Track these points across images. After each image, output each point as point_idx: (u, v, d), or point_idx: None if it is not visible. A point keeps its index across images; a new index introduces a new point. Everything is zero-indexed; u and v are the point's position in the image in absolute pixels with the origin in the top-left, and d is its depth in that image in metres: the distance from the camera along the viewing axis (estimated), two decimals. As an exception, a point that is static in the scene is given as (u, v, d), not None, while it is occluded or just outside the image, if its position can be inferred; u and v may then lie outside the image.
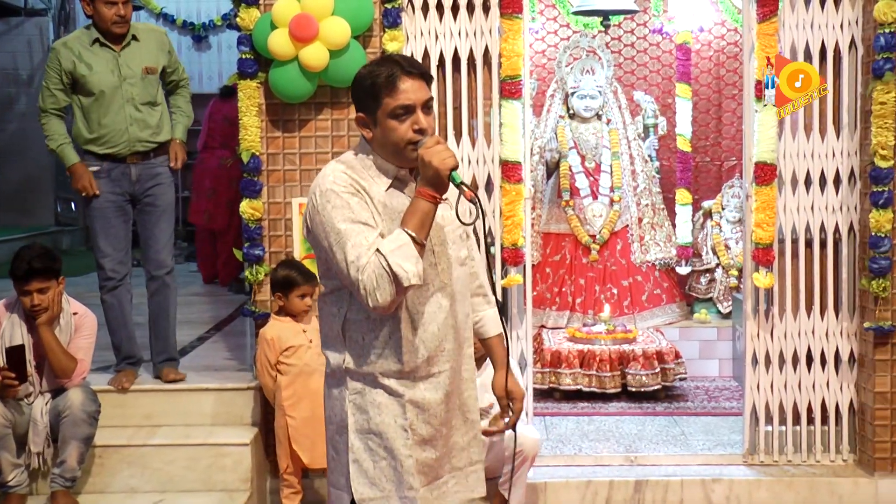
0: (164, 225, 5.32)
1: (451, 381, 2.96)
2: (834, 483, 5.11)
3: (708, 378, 7.19)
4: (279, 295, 4.89)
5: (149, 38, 5.26)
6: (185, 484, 4.94)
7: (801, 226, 5.20)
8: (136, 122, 5.16)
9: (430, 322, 2.89)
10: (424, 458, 2.93)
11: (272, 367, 4.86)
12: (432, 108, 2.87)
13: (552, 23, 8.05)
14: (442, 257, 2.91)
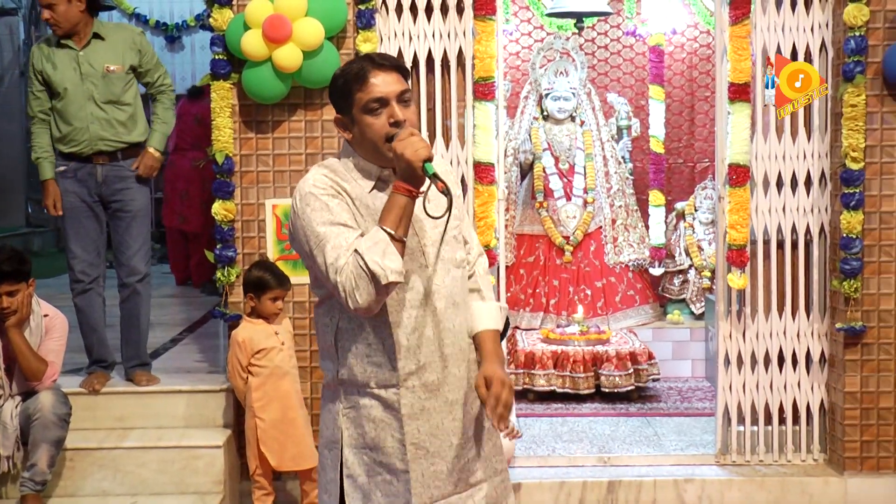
0: (135, 231, 5.27)
1: (455, 387, 2.85)
2: (805, 482, 5.14)
3: (681, 379, 7.22)
4: (251, 296, 4.87)
5: (115, 38, 5.23)
6: (158, 487, 4.92)
7: (774, 227, 5.23)
8: (98, 120, 5.14)
9: (425, 326, 2.79)
10: (433, 471, 2.82)
11: (243, 369, 4.85)
12: (410, 100, 2.77)
13: (526, 24, 8.06)
14: (431, 258, 2.80)
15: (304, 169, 5.09)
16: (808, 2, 5.13)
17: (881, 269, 5.08)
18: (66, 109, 5.14)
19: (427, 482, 2.82)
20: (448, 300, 2.81)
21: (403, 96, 2.75)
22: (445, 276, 2.82)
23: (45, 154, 5.21)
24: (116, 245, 5.31)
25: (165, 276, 9.64)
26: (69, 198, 5.21)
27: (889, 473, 5.14)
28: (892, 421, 5.13)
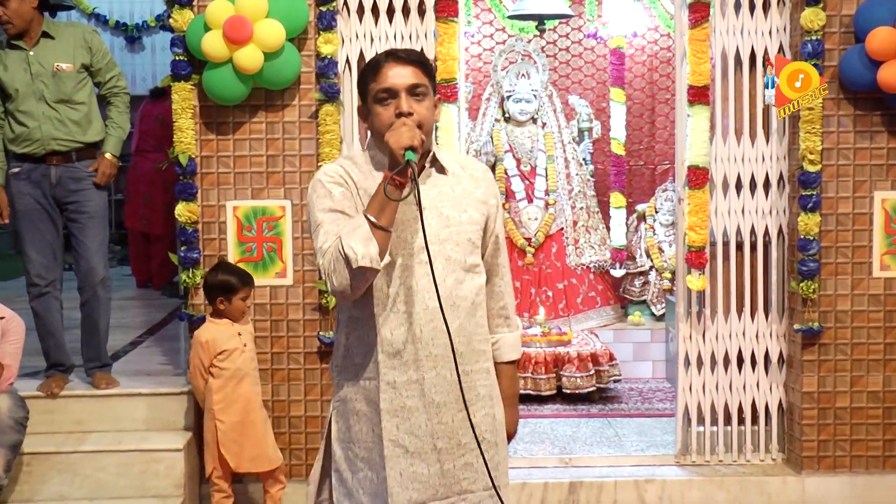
0: (92, 232, 5.20)
1: (444, 390, 2.80)
2: (763, 482, 5.19)
3: (642, 380, 7.26)
4: (221, 299, 4.83)
5: (65, 36, 5.16)
6: (117, 491, 4.88)
7: (733, 229, 5.27)
8: (49, 119, 5.07)
9: (412, 323, 2.77)
10: (413, 472, 2.81)
11: (205, 370, 4.82)
12: (424, 94, 2.75)
13: (488, 27, 8.08)
14: (437, 257, 2.75)
15: (264, 171, 5.07)
16: (766, 6, 5.18)
17: (838, 270, 5.13)
18: (18, 110, 5.07)
19: (405, 483, 2.80)
20: (445, 301, 2.73)
21: (416, 90, 2.74)
22: (447, 277, 2.78)
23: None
24: (75, 247, 5.24)
25: (126, 278, 9.57)
26: (24, 200, 5.14)
27: (845, 472, 5.20)
28: (849, 420, 5.18)
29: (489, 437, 2.88)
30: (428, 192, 2.79)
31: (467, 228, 2.82)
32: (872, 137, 5.10)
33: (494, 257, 2.95)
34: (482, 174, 2.93)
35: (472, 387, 2.85)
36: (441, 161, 2.85)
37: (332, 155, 4.97)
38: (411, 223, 2.76)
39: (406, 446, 2.80)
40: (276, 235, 5.09)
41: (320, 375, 5.15)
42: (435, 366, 2.80)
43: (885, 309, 5.15)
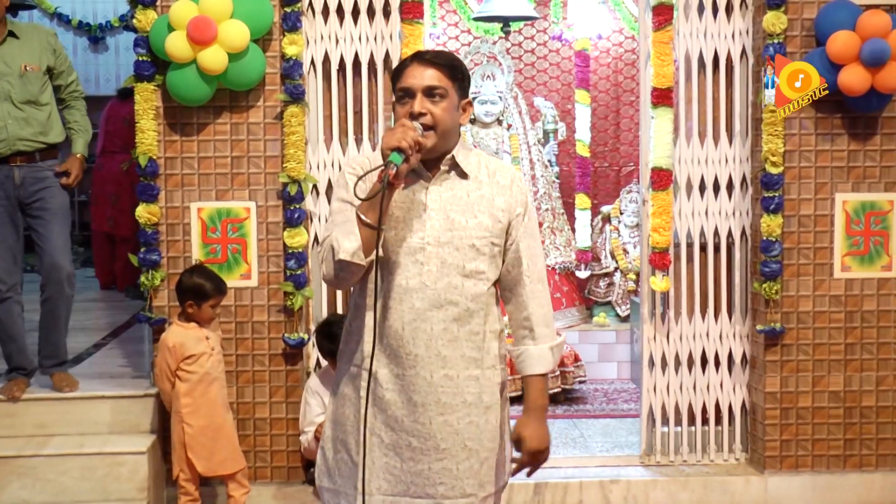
0: (57, 228, 5.13)
1: (424, 391, 2.83)
2: (727, 482, 5.23)
3: (607, 381, 7.29)
4: (191, 303, 4.78)
5: (31, 37, 5.10)
6: (80, 495, 4.83)
7: (696, 230, 5.31)
8: (15, 119, 4.99)
9: (396, 320, 2.82)
10: (385, 463, 2.86)
11: (171, 373, 4.79)
12: (441, 96, 2.78)
13: (453, 28, 8.10)
14: (432, 258, 2.80)
15: (229, 172, 5.05)
16: (728, 9, 5.22)
17: (800, 271, 5.18)
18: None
19: (377, 472, 2.86)
20: (432, 302, 2.79)
21: (433, 91, 2.77)
22: (440, 280, 2.80)
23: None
24: (39, 245, 5.15)
25: (89, 280, 9.49)
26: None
27: (807, 472, 5.24)
28: (811, 420, 5.23)
29: (470, 445, 2.87)
30: (442, 194, 2.84)
31: (472, 234, 2.82)
32: (833, 140, 5.15)
33: (517, 267, 2.90)
34: (510, 182, 2.90)
35: (458, 392, 2.85)
36: (461, 165, 2.86)
37: (297, 156, 4.96)
38: (412, 222, 2.81)
39: (382, 437, 2.86)
40: (241, 237, 5.07)
41: (285, 377, 5.13)
42: (415, 365, 2.83)
43: (846, 310, 5.20)
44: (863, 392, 5.23)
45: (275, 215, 5.06)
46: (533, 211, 2.93)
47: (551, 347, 2.91)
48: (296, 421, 5.10)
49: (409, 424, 2.84)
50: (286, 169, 4.98)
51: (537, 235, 2.94)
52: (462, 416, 2.85)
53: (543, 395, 2.93)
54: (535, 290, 2.90)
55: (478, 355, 2.88)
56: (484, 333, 2.89)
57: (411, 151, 2.67)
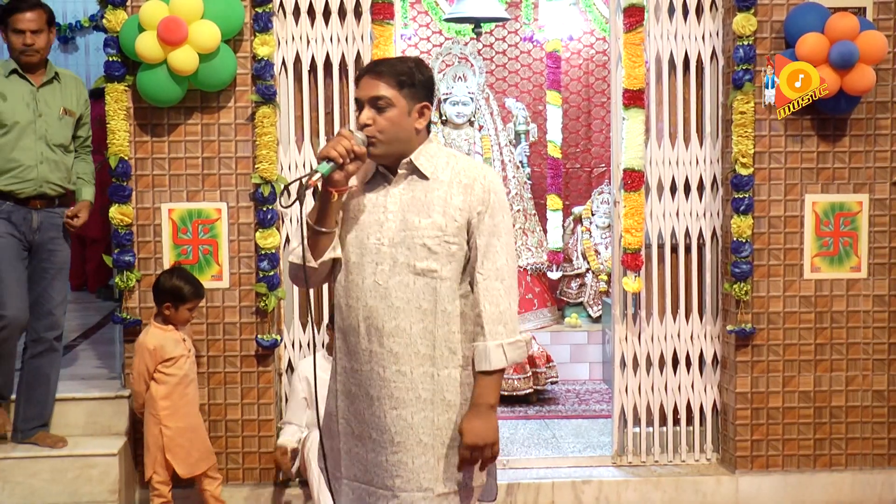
0: (60, 284, 4.95)
1: (377, 386, 2.91)
2: (698, 482, 5.25)
3: (579, 381, 7.31)
4: (169, 305, 4.74)
5: (69, 83, 4.95)
6: (50, 497, 4.80)
7: (668, 231, 5.33)
8: (47, 161, 4.78)
9: (351, 316, 2.94)
10: (357, 452, 2.98)
11: (149, 376, 4.75)
12: (384, 106, 2.85)
13: (424, 29, 8.10)
14: (386, 258, 2.88)
15: (200, 173, 5.03)
16: (699, 11, 5.24)
17: (770, 272, 5.21)
18: (13, 145, 4.72)
19: (353, 459, 2.99)
20: (385, 301, 2.88)
21: (377, 102, 2.86)
22: (391, 278, 2.88)
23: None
24: (37, 297, 4.90)
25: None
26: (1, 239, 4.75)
27: (777, 471, 5.27)
28: (781, 420, 5.26)
29: (426, 440, 2.90)
30: (401, 196, 2.91)
31: (424, 234, 2.87)
32: (803, 141, 5.18)
33: (473, 264, 2.91)
34: (472, 181, 2.92)
35: (412, 388, 2.89)
36: (420, 167, 2.91)
37: (268, 157, 4.94)
38: (371, 225, 2.91)
39: (353, 427, 2.98)
40: (212, 238, 5.04)
41: (257, 378, 5.11)
42: (369, 360, 2.92)
43: (816, 310, 5.24)
44: (832, 392, 5.27)
45: (246, 216, 5.04)
46: (498, 209, 2.91)
47: (501, 345, 2.87)
48: (268, 422, 5.09)
49: (369, 417, 2.94)
50: (258, 170, 4.96)
51: (502, 234, 2.91)
52: (416, 412, 2.90)
53: (489, 392, 2.89)
54: (489, 288, 2.89)
55: (433, 353, 2.90)
56: (446, 333, 2.90)
57: (343, 160, 2.79)
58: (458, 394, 2.92)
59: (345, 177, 2.82)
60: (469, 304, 2.92)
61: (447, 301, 2.90)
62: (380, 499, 2.94)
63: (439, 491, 2.91)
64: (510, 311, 2.91)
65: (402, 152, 2.91)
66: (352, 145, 2.79)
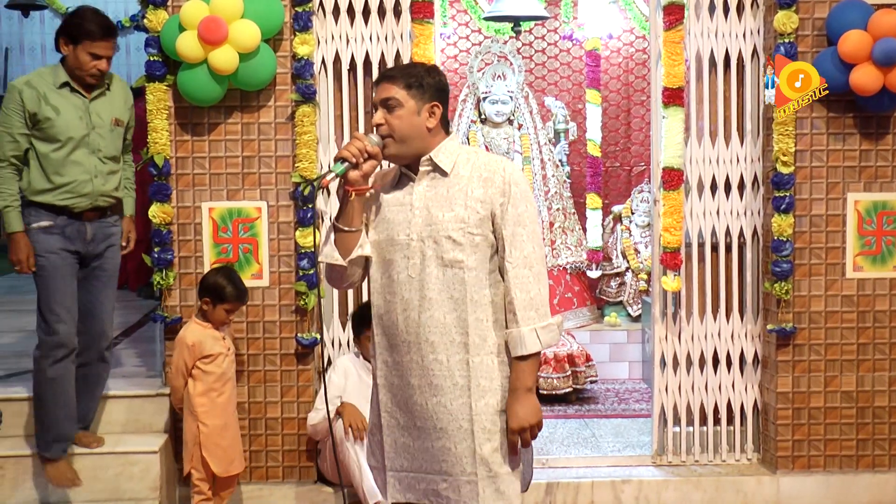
0: (110, 292, 4.89)
1: (418, 374, 3.05)
2: (739, 482, 5.22)
3: (618, 380, 7.29)
4: (207, 300, 4.76)
5: (118, 91, 4.82)
6: (92, 494, 4.85)
7: (708, 230, 5.30)
8: (101, 174, 4.69)
9: (389, 311, 3.07)
10: (403, 442, 3.11)
11: (188, 371, 4.78)
12: (394, 107, 3.01)
13: (464, 28, 8.09)
14: (415, 252, 3.02)
15: (240, 172, 5.06)
16: (739, 8, 5.21)
17: (811, 271, 5.17)
18: (67, 160, 4.60)
19: (398, 450, 3.12)
20: (419, 293, 3.01)
21: (387, 103, 3.02)
22: (423, 271, 3.01)
23: (15, 203, 4.58)
24: (89, 306, 4.80)
25: (101, 279, 9.50)
26: (55, 256, 4.63)
27: (819, 472, 5.23)
28: (823, 420, 5.22)
29: (465, 426, 3.02)
30: (425, 193, 3.05)
31: (448, 227, 3.00)
32: (845, 139, 5.13)
33: (501, 254, 3.03)
34: (492, 174, 3.03)
35: (449, 375, 3.02)
36: (440, 164, 3.04)
37: (308, 156, 4.97)
38: (400, 223, 3.05)
39: (398, 419, 3.11)
40: (252, 237, 5.08)
41: (296, 377, 5.14)
42: (409, 351, 3.05)
43: (858, 309, 5.19)
44: (875, 392, 5.22)
45: (286, 215, 5.07)
46: (521, 199, 3.02)
47: (534, 329, 2.99)
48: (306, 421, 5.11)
49: (413, 406, 3.07)
50: (298, 169, 4.99)
51: (527, 223, 3.01)
52: (454, 398, 3.02)
53: (526, 376, 3.01)
54: (518, 276, 3.00)
55: (467, 340, 3.01)
56: (475, 321, 3.02)
57: (356, 160, 2.97)
58: (491, 379, 3.03)
59: (361, 177, 3.01)
60: (500, 293, 3.04)
61: (475, 290, 3.01)
62: (430, 483, 3.08)
63: (483, 475, 3.02)
64: (540, 297, 3.02)
65: (417, 151, 3.05)
66: (364, 146, 2.97)
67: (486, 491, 3.03)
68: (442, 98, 3.08)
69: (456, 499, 3.05)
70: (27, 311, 7.78)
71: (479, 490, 3.03)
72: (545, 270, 3.05)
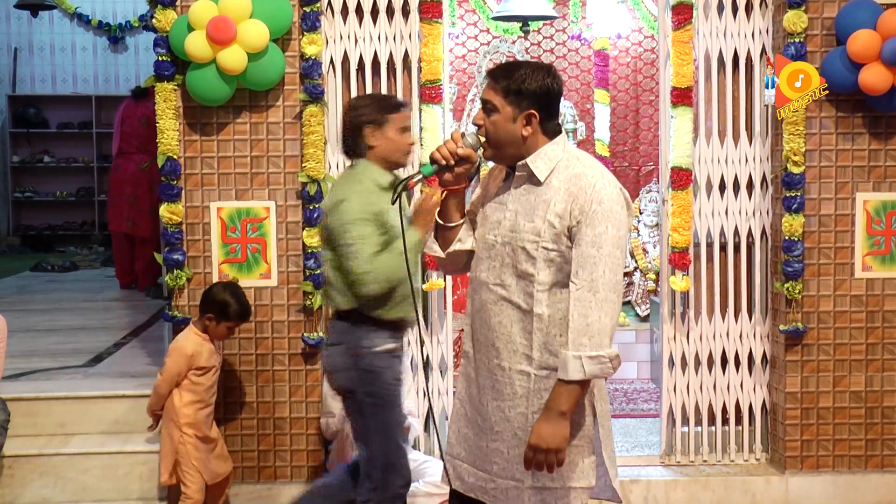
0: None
1: (483, 374, 3.10)
2: (747, 482, 5.21)
3: (626, 380, 7.28)
4: (211, 316, 4.69)
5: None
6: (101, 493, 4.87)
7: (716, 230, 5.29)
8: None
9: (472, 306, 3.14)
10: (465, 432, 3.18)
11: (181, 379, 4.70)
12: (491, 110, 3.01)
13: (472, 28, 8.09)
14: (498, 256, 3.04)
15: (248, 171, 5.06)
16: (748, 8, 5.20)
17: (821, 271, 5.16)
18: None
19: (460, 439, 3.19)
20: (492, 296, 3.04)
21: (486, 105, 3.05)
22: (498, 277, 3.03)
23: None
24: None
25: (110, 278, 9.54)
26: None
27: (828, 472, 5.22)
28: (832, 420, 5.21)
29: (520, 434, 3.02)
30: (519, 198, 3.04)
31: (525, 237, 2.98)
32: (854, 139, 5.12)
33: (572, 274, 2.93)
34: (578, 190, 2.94)
35: (509, 383, 3.04)
36: (535, 171, 2.99)
37: (316, 156, 4.97)
38: (494, 223, 3.08)
39: (466, 410, 3.18)
40: (261, 236, 5.08)
41: (304, 377, 5.14)
42: (479, 350, 3.11)
43: (868, 309, 5.18)
44: (884, 392, 5.21)
45: (294, 215, 5.07)
46: (601, 220, 2.91)
47: (580, 357, 2.86)
48: (314, 420, 5.11)
49: (477, 404, 3.13)
50: (306, 168, 4.99)
51: (603, 245, 2.89)
52: (512, 406, 3.04)
53: (562, 400, 2.89)
54: (580, 298, 2.89)
55: (530, 353, 3.00)
56: (542, 335, 2.98)
57: (445, 161, 3.00)
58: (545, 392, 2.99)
59: (454, 178, 3.05)
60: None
61: (543, 305, 2.97)
62: (479, 479, 3.13)
63: (529, 484, 3.03)
64: (599, 324, 2.88)
65: (515, 156, 3.03)
66: (455, 149, 2.99)
67: (532, 500, 3.03)
68: (544, 103, 3.01)
69: (503, 500, 3.07)
70: (36, 311, 7.85)
71: (524, 498, 3.03)
72: (616, 298, 2.91)
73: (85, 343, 6.60)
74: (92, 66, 12.95)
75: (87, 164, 12.81)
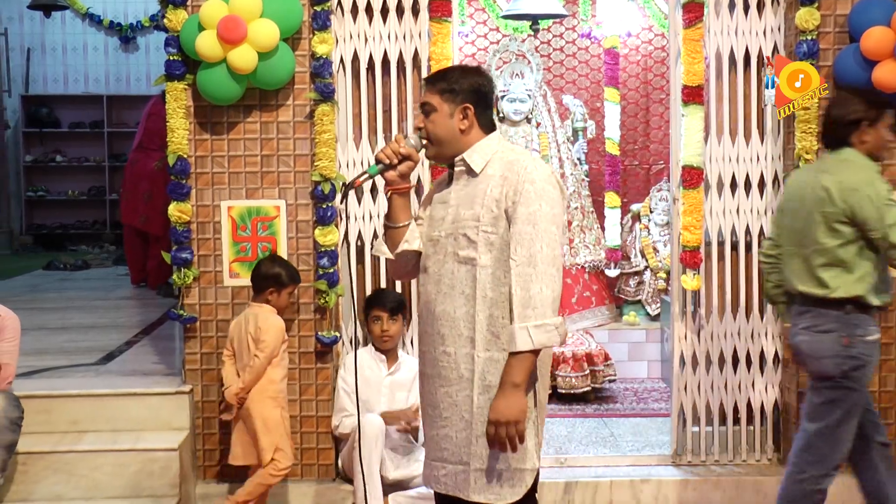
0: None
1: (427, 363, 3.25)
2: (759, 482, 5.19)
3: (637, 380, 7.26)
4: (273, 290, 4.80)
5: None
6: (113, 490, 4.87)
7: (728, 229, 5.28)
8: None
9: (420, 302, 3.32)
10: (425, 429, 3.33)
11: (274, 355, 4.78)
12: (429, 111, 3.20)
13: (482, 26, 8.09)
14: (442, 248, 3.19)
15: (259, 170, 5.07)
16: (760, 6, 5.19)
17: (833, 269, 5.12)
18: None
19: (426, 437, 3.32)
20: (436, 286, 3.19)
21: (424, 107, 3.23)
22: (442, 266, 3.18)
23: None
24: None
25: (122, 277, 9.56)
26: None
27: (840, 472, 5.19)
28: (844, 420, 5.18)
29: (467, 417, 3.14)
30: (458, 192, 3.21)
31: (465, 225, 3.13)
32: (867, 137, 5.09)
33: (510, 251, 3.07)
34: (512, 174, 3.11)
35: (455, 368, 3.16)
36: (471, 164, 3.18)
37: (327, 155, 4.97)
38: (437, 220, 3.24)
39: (428, 410, 3.28)
40: (271, 235, 5.08)
41: (316, 375, 5.14)
42: (426, 342, 3.26)
43: (880, 308, 5.15)
44: (896, 391, 5.19)
45: (304, 214, 5.07)
46: (534, 199, 3.05)
47: (526, 327, 2.99)
48: (326, 419, 5.12)
49: (425, 395, 3.28)
50: (318, 167, 4.99)
51: (538, 222, 3.04)
52: (459, 390, 3.15)
53: (514, 372, 3.02)
54: (520, 273, 3.03)
55: (474, 335, 3.12)
56: (487, 318, 3.10)
57: (390, 161, 3.21)
58: (498, 376, 3.09)
59: (398, 176, 3.24)
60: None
61: (488, 288, 3.10)
62: (433, 469, 3.24)
63: (476, 466, 3.13)
64: (541, 296, 3.01)
65: (454, 152, 3.22)
66: (398, 148, 3.19)
67: (478, 482, 3.12)
68: (477, 99, 3.20)
69: (452, 485, 3.17)
70: (48, 309, 7.88)
71: (470, 481, 3.12)
72: (555, 272, 3.04)
73: (97, 341, 6.62)
74: (103, 66, 13.00)
75: (99, 163, 12.87)
